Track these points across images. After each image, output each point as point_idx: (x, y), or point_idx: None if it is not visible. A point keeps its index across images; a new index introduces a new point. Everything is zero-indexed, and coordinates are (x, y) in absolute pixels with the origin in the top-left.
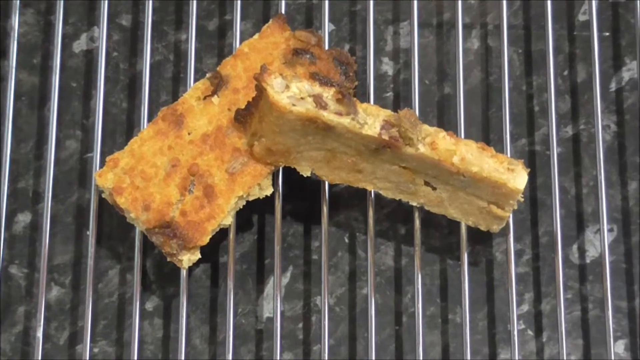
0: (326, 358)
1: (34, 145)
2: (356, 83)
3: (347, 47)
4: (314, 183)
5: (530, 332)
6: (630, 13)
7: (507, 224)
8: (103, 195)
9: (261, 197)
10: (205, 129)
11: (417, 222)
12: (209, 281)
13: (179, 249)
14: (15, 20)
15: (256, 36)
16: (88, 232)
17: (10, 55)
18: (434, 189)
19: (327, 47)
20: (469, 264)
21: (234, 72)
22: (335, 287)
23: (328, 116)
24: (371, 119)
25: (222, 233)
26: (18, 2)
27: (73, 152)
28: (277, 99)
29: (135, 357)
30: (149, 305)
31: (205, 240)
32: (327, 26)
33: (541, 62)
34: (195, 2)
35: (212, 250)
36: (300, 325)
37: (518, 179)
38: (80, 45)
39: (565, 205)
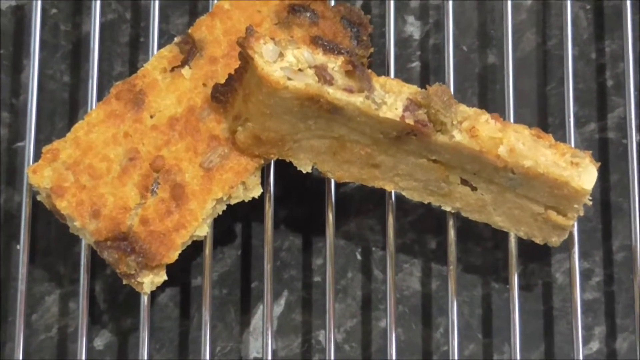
0: None
1: None
2: (371, 50)
3: (359, 2)
4: (316, 182)
5: None
6: None
7: (571, 236)
8: (38, 198)
9: (247, 200)
10: (172, 110)
11: (452, 233)
12: (177, 311)
13: (139, 269)
14: None
15: None
16: (18, 247)
17: None
18: (474, 189)
19: (333, 3)
20: (521, 288)
21: (211, 36)
22: (344, 319)
23: (334, 94)
24: (391, 98)
25: (196, 247)
26: None
27: None
28: (267, 71)
29: None
30: (98, 343)
31: (173, 256)
32: None
33: (616, 22)
34: None
35: (183, 270)
36: None
37: (585, 176)
38: None
39: None
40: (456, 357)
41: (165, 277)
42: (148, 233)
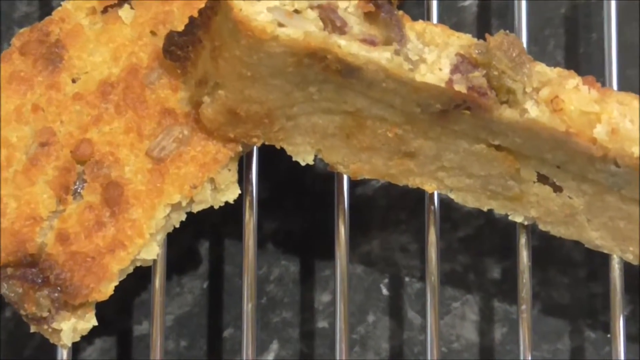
0: None
1: None
2: None
3: None
4: (320, 179)
5: None
6: None
7: None
8: None
9: (217, 207)
10: (105, 71)
11: (524, 256)
12: None
13: (55, 309)
14: None
15: None
16: None
17: None
18: (558, 189)
19: None
20: (629, 338)
21: None
22: None
23: (348, 47)
24: (433, 53)
25: (141, 277)
26: None
27: None
28: (247, 13)
29: None
30: None
31: (107, 290)
32: None
33: None
34: None
35: (121, 312)
36: None
37: None
38: None
39: None
40: None
41: (94, 322)
42: (69, 256)
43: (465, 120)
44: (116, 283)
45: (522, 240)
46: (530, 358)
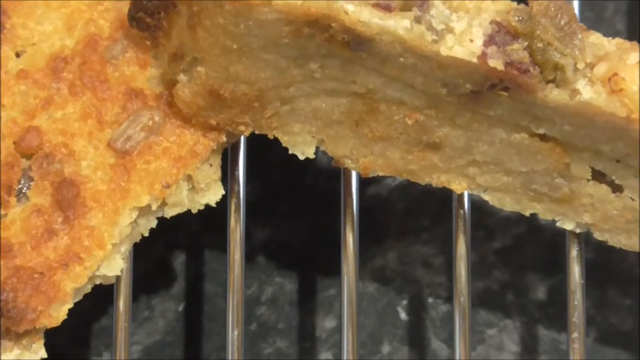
0: None
1: None
2: None
3: None
4: (324, 177)
5: None
6: None
7: None
8: None
9: (195, 211)
10: (57, 43)
11: (577, 272)
12: None
13: None
14: None
15: None
16: None
17: None
18: (617, 189)
19: None
20: None
21: None
22: None
23: (357, 14)
24: (463, 21)
25: (101, 298)
26: None
27: None
28: None
29: None
30: None
31: (58, 314)
32: None
33: None
34: None
35: (77, 341)
36: None
37: None
38: None
39: None
40: None
41: (43, 354)
42: (12, 271)
43: (502, 104)
44: (70, 305)
45: (573, 252)
46: None
